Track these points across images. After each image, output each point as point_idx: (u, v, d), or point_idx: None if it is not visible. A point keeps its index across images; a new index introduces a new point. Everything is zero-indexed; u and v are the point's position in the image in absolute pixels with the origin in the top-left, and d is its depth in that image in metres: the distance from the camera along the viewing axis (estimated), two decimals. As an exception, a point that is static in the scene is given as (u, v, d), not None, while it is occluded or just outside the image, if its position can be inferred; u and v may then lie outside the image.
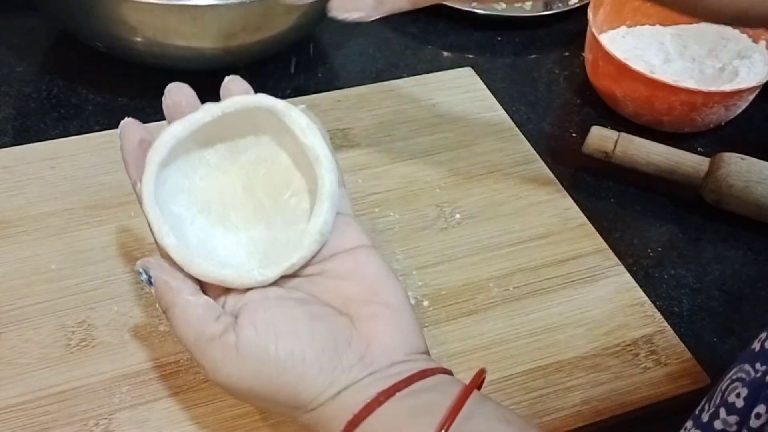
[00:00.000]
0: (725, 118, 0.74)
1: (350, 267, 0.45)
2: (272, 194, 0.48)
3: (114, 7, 0.65)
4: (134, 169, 0.46)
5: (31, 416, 0.49)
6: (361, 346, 0.42)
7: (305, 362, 0.41)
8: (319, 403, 0.41)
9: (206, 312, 0.43)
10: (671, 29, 0.80)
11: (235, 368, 0.41)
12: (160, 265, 0.44)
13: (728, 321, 0.61)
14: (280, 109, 0.46)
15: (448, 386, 0.41)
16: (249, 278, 0.43)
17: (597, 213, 0.67)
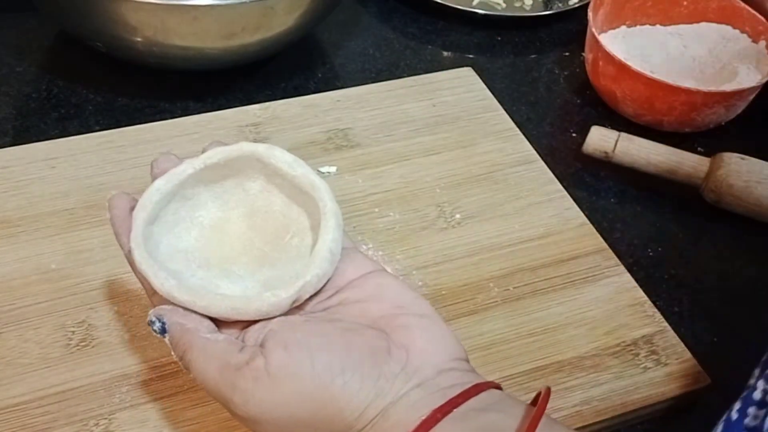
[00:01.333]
0: (725, 118, 0.74)
1: (370, 290, 0.43)
2: (272, 241, 0.47)
3: (114, 7, 0.65)
4: (125, 239, 0.44)
5: (31, 416, 0.49)
6: (401, 354, 0.40)
7: (345, 373, 0.38)
8: (366, 421, 0.38)
9: (228, 345, 0.40)
10: (671, 29, 0.80)
11: (269, 394, 0.38)
12: (173, 310, 0.42)
13: (728, 321, 0.61)
14: (262, 152, 0.45)
15: (510, 406, 0.39)
16: (262, 301, 0.41)
17: (597, 213, 0.67)
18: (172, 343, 0.42)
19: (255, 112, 0.69)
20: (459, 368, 0.41)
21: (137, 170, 0.63)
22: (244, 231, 0.47)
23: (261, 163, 0.46)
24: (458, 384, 0.39)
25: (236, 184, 0.47)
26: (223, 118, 0.69)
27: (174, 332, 0.41)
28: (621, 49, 0.76)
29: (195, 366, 0.40)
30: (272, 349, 0.39)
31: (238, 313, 0.41)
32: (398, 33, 0.85)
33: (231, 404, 0.39)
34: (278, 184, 0.47)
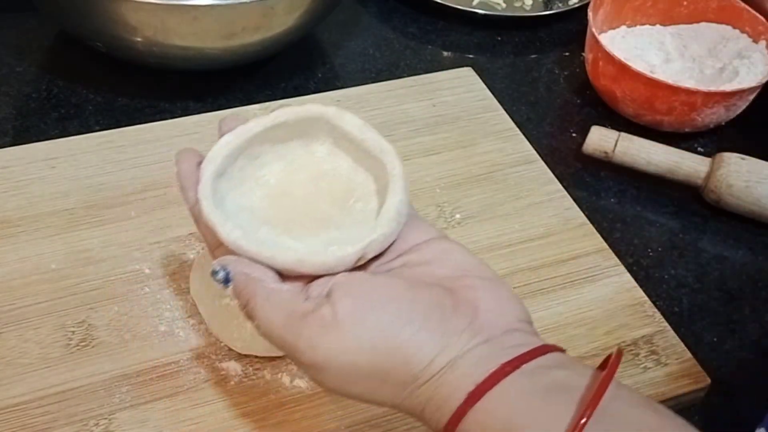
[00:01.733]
0: (725, 118, 0.74)
1: (433, 253, 0.43)
2: (337, 204, 0.46)
3: (114, 7, 0.65)
4: (191, 192, 0.44)
5: (31, 416, 0.49)
6: (468, 311, 0.40)
7: (412, 324, 0.38)
8: (432, 372, 0.38)
9: (293, 295, 0.41)
10: (671, 29, 0.80)
11: (336, 341, 0.38)
12: (238, 260, 0.42)
13: (728, 321, 0.61)
14: (331, 114, 0.46)
15: (578, 367, 0.39)
16: (327, 255, 0.41)
17: (597, 213, 0.67)
18: (236, 291, 0.41)
19: (255, 112, 0.69)
20: (524, 330, 0.41)
21: (137, 170, 0.63)
22: (309, 193, 0.47)
23: (330, 125, 0.46)
24: (524, 344, 0.39)
25: (303, 146, 0.47)
26: (223, 118, 0.68)
27: (238, 281, 0.41)
28: (621, 49, 0.76)
29: (259, 314, 0.40)
30: (339, 299, 0.39)
31: (303, 265, 0.41)
32: (398, 33, 0.85)
33: (296, 351, 0.39)
34: (345, 147, 0.47)
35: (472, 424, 0.37)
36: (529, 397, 0.37)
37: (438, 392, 0.38)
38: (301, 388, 0.51)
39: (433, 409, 0.39)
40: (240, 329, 0.51)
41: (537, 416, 0.36)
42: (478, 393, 0.37)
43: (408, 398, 0.39)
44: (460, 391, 0.38)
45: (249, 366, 0.52)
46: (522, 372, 0.38)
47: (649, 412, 0.37)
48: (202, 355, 0.53)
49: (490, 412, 0.37)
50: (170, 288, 0.56)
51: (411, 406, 0.39)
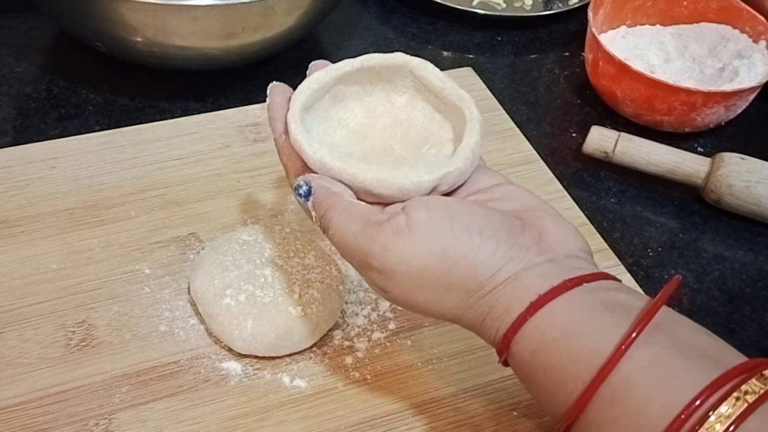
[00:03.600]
0: (725, 118, 0.74)
1: (501, 193, 0.45)
2: (411, 149, 0.49)
3: (114, 7, 0.65)
4: (280, 123, 0.47)
5: (31, 416, 0.49)
6: (535, 233, 0.42)
7: (482, 234, 0.41)
8: (497, 282, 0.41)
9: (370, 207, 0.43)
10: (671, 29, 0.80)
11: (409, 245, 0.40)
12: (321, 177, 0.45)
13: (728, 321, 0.61)
14: (416, 64, 0.49)
15: (637, 293, 0.42)
16: (405, 178, 0.43)
17: (597, 213, 0.67)
18: (316, 203, 0.44)
19: (255, 112, 0.69)
20: (586, 258, 0.43)
21: (137, 170, 0.63)
22: (387, 138, 0.50)
23: (412, 75, 0.49)
24: (586, 268, 0.42)
25: (384, 95, 0.51)
26: (223, 118, 0.69)
27: (319, 194, 0.44)
28: (621, 49, 0.76)
29: (336, 222, 0.43)
30: (414, 209, 0.42)
31: (382, 185, 0.44)
32: (398, 33, 0.85)
33: (369, 255, 0.41)
34: (425, 97, 0.50)
35: (531, 332, 0.40)
36: (588, 309, 0.39)
37: (500, 302, 0.41)
38: (301, 388, 0.51)
39: (494, 317, 0.41)
40: (240, 329, 0.51)
41: (593, 325, 0.39)
42: (540, 302, 0.40)
43: (471, 308, 0.41)
44: (523, 300, 0.40)
45: (249, 366, 0.52)
46: (583, 288, 0.40)
47: (701, 335, 0.39)
48: (202, 355, 0.53)
49: (549, 320, 0.40)
50: (170, 288, 0.56)
51: (472, 316, 0.42)
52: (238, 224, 0.60)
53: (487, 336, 0.42)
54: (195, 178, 0.63)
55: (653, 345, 0.37)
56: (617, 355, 0.37)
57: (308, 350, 0.53)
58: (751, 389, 0.35)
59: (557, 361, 0.39)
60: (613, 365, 0.37)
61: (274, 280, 0.53)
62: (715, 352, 0.38)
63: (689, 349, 0.38)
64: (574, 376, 0.38)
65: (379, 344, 0.54)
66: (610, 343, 0.38)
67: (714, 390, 0.35)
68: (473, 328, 0.43)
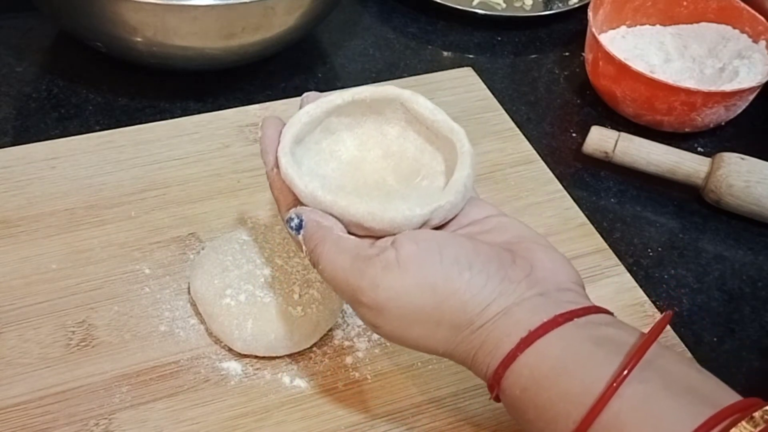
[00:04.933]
0: (725, 118, 0.74)
1: (493, 225, 0.45)
2: (403, 180, 0.49)
3: (114, 7, 0.65)
4: (271, 156, 0.47)
5: (31, 416, 0.49)
6: (526, 265, 0.42)
7: (472, 269, 0.41)
8: (487, 317, 0.40)
9: (360, 242, 0.43)
10: (671, 29, 0.80)
11: (397, 281, 0.40)
12: (312, 211, 0.44)
13: (728, 321, 0.61)
14: (407, 97, 0.49)
15: (629, 327, 0.41)
16: (397, 212, 0.43)
17: (597, 213, 0.67)
18: (306, 237, 0.44)
19: (255, 112, 0.69)
20: (578, 291, 0.43)
21: (137, 170, 0.63)
22: (378, 170, 0.50)
23: (404, 107, 0.49)
24: (577, 302, 0.41)
25: (376, 127, 0.50)
26: (223, 118, 0.69)
27: (310, 227, 0.44)
28: (621, 49, 0.76)
29: (325, 257, 0.43)
30: (403, 243, 0.42)
31: (373, 219, 0.43)
32: (398, 33, 0.85)
33: (358, 291, 0.41)
34: (416, 129, 0.50)
35: (522, 368, 0.40)
36: (578, 345, 0.39)
37: (491, 337, 0.40)
38: (301, 388, 0.51)
39: (485, 353, 0.41)
40: (240, 329, 0.51)
41: (584, 362, 0.38)
42: (530, 338, 0.39)
43: (461, 343, 0.41)
44: (513, 336, 0.40)
45: (249, 366, 0.52)
46: (574, 324, 0.40)
47: (692, 372, 0.39)
48: (202, 355, 0.53)
49: (540, 356, 0.39)
50: (170, 288, 0.56)
51: (463, 351, 0.42)
52: (238, 224, 0.60)
53: (478, 371, 0.42)
54: (195, 178, 0.63)
55: (644, 383, 0.37)
56: (608, 393, 0.37)
57: (308, 350, 0.53)
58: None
59: (547, 398, 0.39)
60: (604, 404, 0.37)
61: (274, 280, 0.53)
62: (706, 390, 0.38)
63: (680, 387, 0.37)
64: (564, 414, 0.38)
65: (379, 344, 0.54)
66: (600, 380, 0.37)
67: (705, 431, 0.35)
68: (465, 363, 0.42)
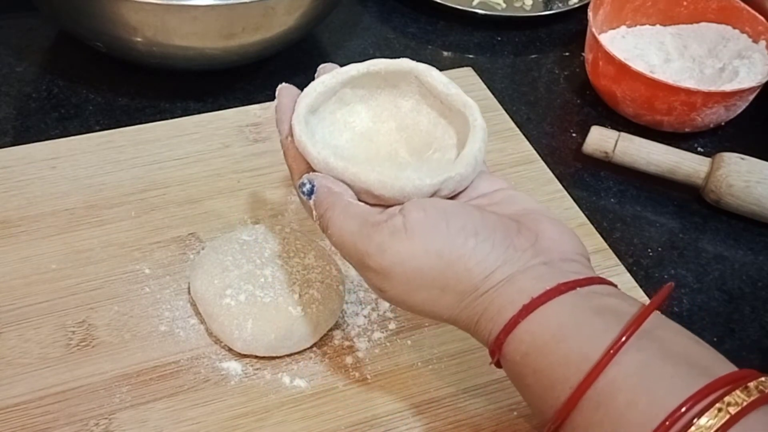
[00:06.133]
0: (725, 118, 0.74)
1: (501, 198, 0.46)
2: (416, 153, 0.49)
3: (114, 7, 0.65)
4: (286, 124, 0.48)
5: (31, 416, 0.49)
6: (531, 235, 0.42)
7: (478, 236, 0.41)
8: (491, 284, 0.41)
9: (369, 208, 0.44)
10: (671, 29, 0.80)
11: (404, 246, 0.41)
12: (324, 177, 0.45)
13: (728, 321, 0.61)
14: (421, 70, 0.49)
15: (631, 299, 0.41)
16: (407, 180, 0.44)
17: (597, 213, 0.67)
18: (317, 202, 0.44)
19: (255, 112, 0.69)
20: (582, 262, 0.43)
21: (137, 170, 0.63)
22: (392, 142, 0.50)
23: (418, 80, 0.49)
24: (581, 272, 0.42)
25: (390, 99, 0.51)
26: (223, 118, 0.69)
27: (321, 192, 0.44)
28: (621, 49, 0.76)
29: (335, 222, 0.43)
30: (411, 210, 0.42)
31: (384, 187, 0.44)
32: (398, 33, 0.85)
33: (366, 256, 0.42)
34: (430, 103, 0.50)
35: (523, 334, 0.40)
36: (579, 314, 0.39)
37: (494, 303, 0.41)
38: (301, 388, 0.51)
39: (487, 319, 0.41)
40: (240, 329, 0.51)
41: (584, 329, 0.39)
42: (532, 305, 0.40)
43: (465, 309, 0.42)
44: (516, 303, 0.40)
45: (249, 366, 0.52)
46: (576, 293, 0.40)
47: (691, 342, 0.39)
48: (202, 355, 0.53)
49: (541, 322, 0.40)
50: (170, 288, 0.56)
51: (467, 317, 0.42)
52: (238, 224, 0.60)
53: (480, 337, 0.43)
54: (195, 178, 0.63)
55: (641, 351, 0.37)
56: (605, 360, 0.37)
57: (308, 350, 0.53)
58: (734, 401, 0.35)
59: (547, 364, 0.39)
60: (600, 370, 0.37)
61: (274, 280, 0.53)
62: (703, 361, 0.38)
63: (677, 357, 0.38)
64: (562, 379, 0.38)
65: (379, 344, 0.54)
66: (598, 348, 0.38)
67: (698, 399, 0.35)
68: (468, 329, 0.43)
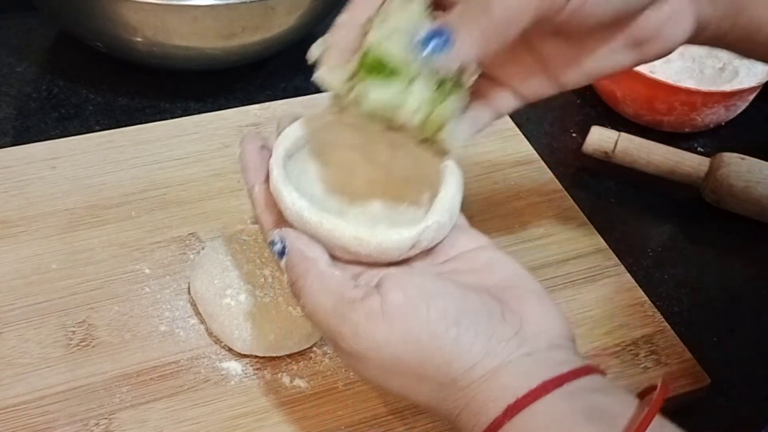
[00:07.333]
0: (725, 118, 0.74)
1: (482, 262, 0.43)
2: (389, 206, 0.48)
3: (114, 7, 0.65)
4: (253, 174, 0.46)
5: (31, 416, 0.49)
6: (515, 320, 0.39)
7: (459, 325, 0.38)
8: (473, 378, 0.38)
9: (344, 280, 0.40)
10: (671, 29, 0.80)
11: (381, 331, 0.38)
12: (298, 236, 0.42)
13: (728, 321, 0.61)
14: None
15: (621, 394, 0.39)
16: (385, 235, 0.41)
17: (597, 213, 0.67)
18: (288, 267, 0.42)
19: (255, 112, 0.69)
20: (568, 347, 0.40)
21: (137, 170, 0.63)
22: (365, 194, 0.48)
23: None
24: (567, 362, 0.39)
25: (364, 152, 0.48)
26: (223, 118, 0.69)
27: (293, 257, 0.41)
28: (621, 49, 0.76)
29: (307, 294, 0.40)
30: (389, 290, 0.39)
31: (360, 244, 0.41)
32: (398, 33, 0.84)
33: (339, 337, 0.39)
34: (405, 151, 0.47)
35: None
36: (568, 419, 0.37)
37: (476, 399, 0.38)
38: (301, 388, 0.51)
39: (470, 414, 0.38)
40: (240, 329, 0.51)
41: None
42: (517, 407, 0.37)
43: (444, 400, 0.39)
44: (500, 401, 0.37)
45: (249, 366, 0.52)
46: (563, 391, 0.37)
47: None
48: (202, 355, 0.53)
49: (527, 424, 0.37)
50: (170, 288, 0.56)
51: (446, 409, 0.39)
52: (238, 224, 0.60)
53: (463, 431, 0.40)
54: (195, 178, 0.63)
55: None
56: None
57: (308, 350, 0.53)
58: None
59: None
60: None
61: (274, 280, 0.53)
62: None
63: None
64: None
65: (379, 344, 0.54)
66: None
67: None
68: (448, 420, 0.40)
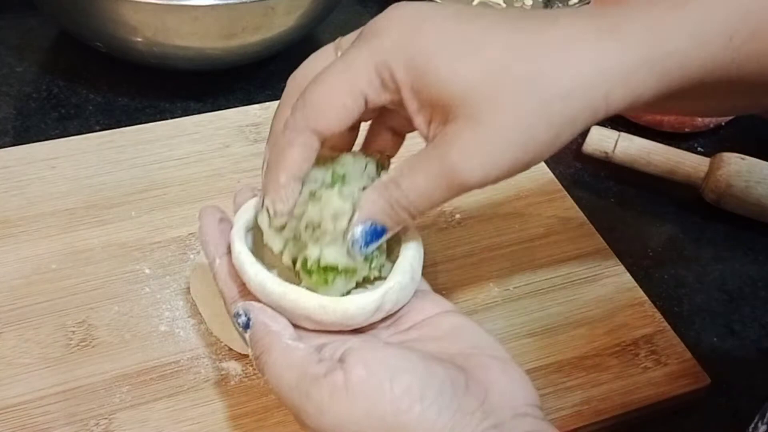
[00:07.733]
0: (725, 118, 0.74)
1: (446, 328, 0.43)
2: None
3: (114, 7, 0.65)
4: (213, 247, 0.46)
5: (31, 416, 0.49)
6: (480, 391, 0.39)
7: (424, 401, 0.38)
8: None
9: (308, 355, 0.40)
10: (671, 29, 0.80)
11: (345, 409, 0.38)
12: (262, 309, 0.42)
13: (728, 321, 0.61)
14: None
15: None
16: (349, 302, 0.42)
17: (597, 213, 0.67)
18: (253, 340, 0.42)
19: (255, 112, 0.69)
20: (533, 415, 0.40)
21: (137, 170, 0.63)
22: None
23: None
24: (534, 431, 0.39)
25: None
26: (223, 118, 0.69)
27: (257, 330, 0.41)
28: (621, 49, 0.76)
29: (271, 369, 0.40)
30: (352, 366, 0.39)
31: (325, 312, 0.42)
32: (398, 33, 0.84)
33: (303, 414, 0.39)
34: None
35: None
36: None
37: None
38: (301, 388, 0.51)
39: None
40: (240, 329, 0.51)
41: None
42: None
43: None
44: None
45: (249, 366, 0.52)
46: None
47: None
48: (202, 355, 0.53)
49: None
50: (170, 288, 0.56)
51: None
52: (238, 224, 0.60)
53: None
54: (195, 178, 0.63)
55: None
56: None
57: (308, 350, 0.53)
58: None
59: None
60: None
61: (274, 280, 0.53)
62: None
63: None
64: None
65: (379, 344, 0.54)
66: None
67: None
68: None
